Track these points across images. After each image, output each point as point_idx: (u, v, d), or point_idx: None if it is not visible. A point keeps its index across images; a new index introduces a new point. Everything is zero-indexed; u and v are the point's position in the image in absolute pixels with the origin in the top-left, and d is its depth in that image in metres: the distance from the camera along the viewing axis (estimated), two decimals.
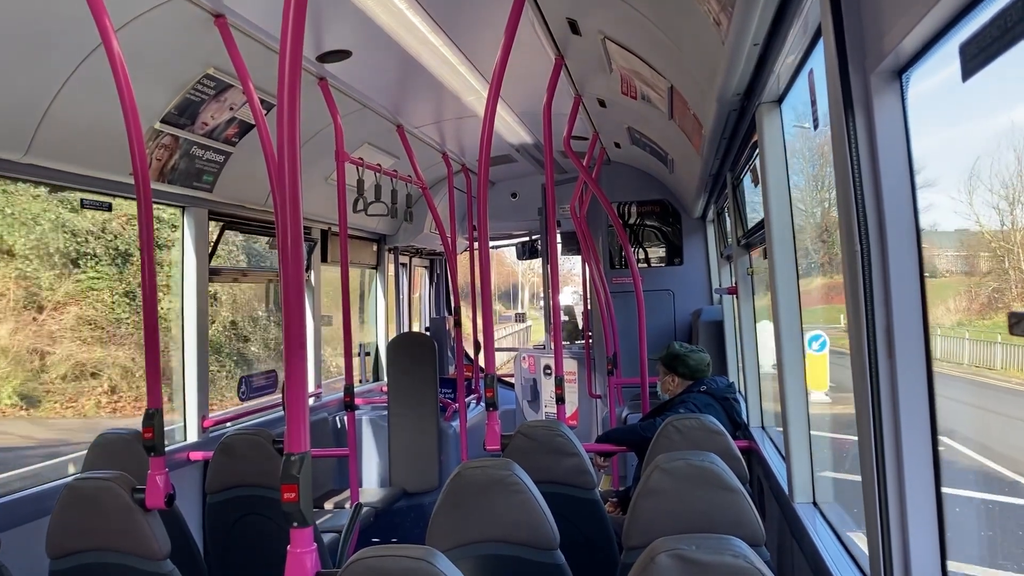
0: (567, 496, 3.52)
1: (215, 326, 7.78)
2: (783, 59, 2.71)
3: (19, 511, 3.67)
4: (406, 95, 5.45)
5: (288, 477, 2.18)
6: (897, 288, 1.80)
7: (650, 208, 8.19)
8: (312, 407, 6.38)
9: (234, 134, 4.73)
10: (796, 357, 3.42)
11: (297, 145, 2.24)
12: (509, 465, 2.79)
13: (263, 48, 4.01)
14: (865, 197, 1.81)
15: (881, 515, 1.82)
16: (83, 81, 3.53)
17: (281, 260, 2.26)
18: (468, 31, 4.19)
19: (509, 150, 7.26)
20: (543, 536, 2.74)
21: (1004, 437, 3.87)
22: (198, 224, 5.07)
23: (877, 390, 1.82)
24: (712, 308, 7.40)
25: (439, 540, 2.73)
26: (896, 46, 1.64)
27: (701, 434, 3.50)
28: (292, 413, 2.23)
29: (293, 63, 2.23)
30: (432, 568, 1.83)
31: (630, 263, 5.95)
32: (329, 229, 6.92)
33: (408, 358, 6.42)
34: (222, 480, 4.04)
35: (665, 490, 2.63)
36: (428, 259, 10.02)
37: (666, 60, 3.69)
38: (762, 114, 3.30)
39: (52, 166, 3.82)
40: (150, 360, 3.43)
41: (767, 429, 4.85)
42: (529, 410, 8.83)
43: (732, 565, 1.74)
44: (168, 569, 3.04)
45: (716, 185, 5.72)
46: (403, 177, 6.25)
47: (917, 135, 1.80)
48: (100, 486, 3.05)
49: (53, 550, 3.09)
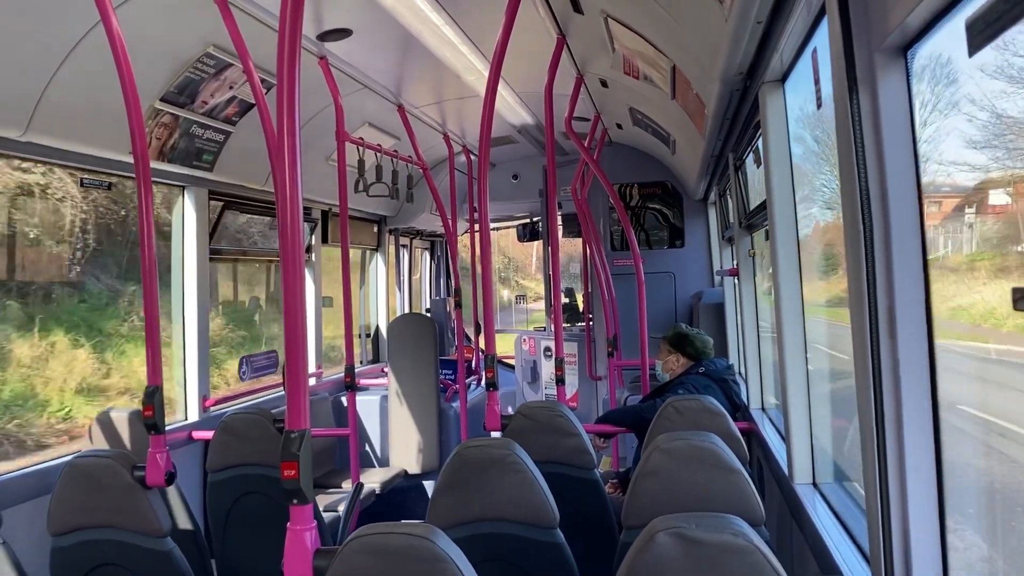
0: (567, 476, 3.53)
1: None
2: (786, 37, 2.68)
3: (20, 489, 3.69)
4: (407, 75, 5.42)
5: (288, 454, 2.18)
6: (900, 267, 1.79)
7: (651, 190, 8.16)
8: (312, 387, 6.39)
9: (234, 113, 4.71)
10: (797, 338, 3.42)
11: (297, 125, 2.23)
12: (509, 444, 2.80)
13: (263, 26, 3.98)
14: (869, 176, 1.80)
15: (881, 495, 1.82)
16: (82, 59, 3.51)
17: (281, 241, 2.25)
18: (469, 10, 4.16)
19: (510, 131, 7.23)
20: (543, 515, 2.75)
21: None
22: (198, 203, 5.05)
23: (879, 370, 1.81)
24: (713, 290, 7.39)
25: (439, 518, 2.74)
26: (901, 22, 1.62)
27: (701, 415, 3.51)
28: (292, 391, 2.23)
29: (292, 41, 2.21)
30: (432, 545, 1.83)
31: (631, 245, 5.93)
32: (330, 210, 6.90)
33: (409, 339, 6.42)
34: (223, 459, 4.06)
35: (665, 470, 2.64)
36: (429, 240, 10.00)
37: (668, 39, 3.66)
38: (765, 94, 3.27)
39: (52, 144, 3.81)
40: (150, 338, 3.43)
41: (767, 410, 4.86)
42: (529, 391, 8.85)
43: (732, 544, 1.74)
44: (168, 546, 3.06)
45: (718, 166, 5.70)
46: (404, 158, 6.23)
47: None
48: (101, 464, 3.07)
49: (54, 527, 3.11)
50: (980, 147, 1.92)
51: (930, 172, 1.90)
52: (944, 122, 1.93)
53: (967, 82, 1.80)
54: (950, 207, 2.11)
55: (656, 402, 4.19)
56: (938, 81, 1.88)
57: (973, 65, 1.61)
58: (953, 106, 1.90)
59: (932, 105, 1.91)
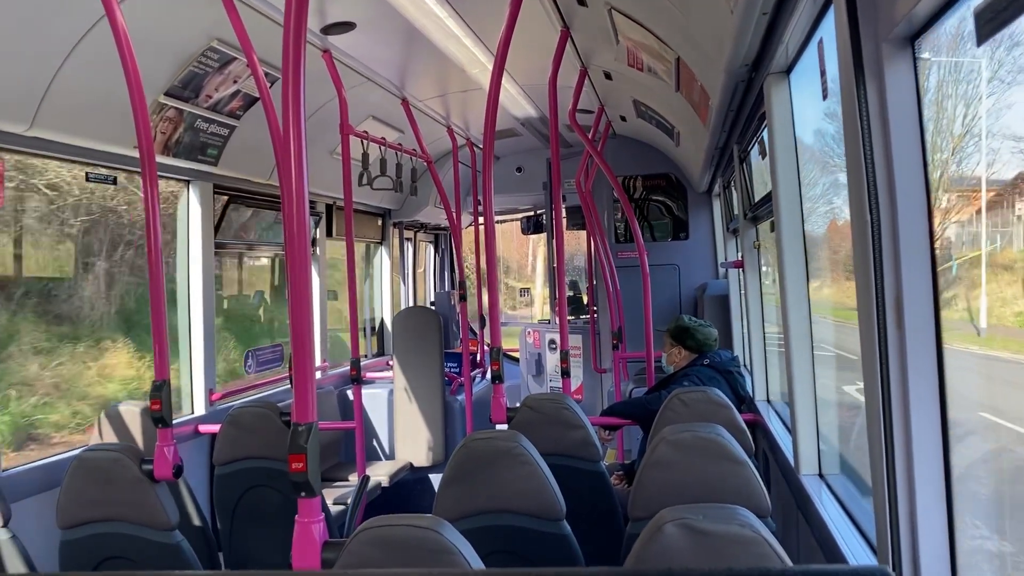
0: (572, 468, 3.53)
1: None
2: (792, 28, 2.67)
3: (30, 482, 3.71)
4: (411, 68, 5.42)
5: (296, 447, 2.19)
6: (907, 259, 1.79)
7: (656, 182, 8.15)
8: (318, 381, 6.41)
9: (239, 107, 4.71)
10: (803, 329, 3.42)
11: (301, 118, 2.23)
12: (515, 437, 2.80)
13: (267, 20, 3.98)
14: (876, 167, 1.79)
15: (889, 486, 1.82)
16: (87, 54, 3.51)
17: (286, 234, 2.26)
18: (473, 3, 4.15)
19: (514, 124, 7.22)
20: (549, 507, 2.76)
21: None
22: (203, 198, 5.06)
23: (886, 362, 1.81)
24: (718, 282, 7.38)
25: (446, 511, 2.74)
26: (909, 12, 1.62)
27: (707, 407, 3.51)
28: (299, 384, 2.24)
29: (297, 35, 2.21)
30: (439, 537, 1.84)
31: (635, 237, 5.93)
32: (334, 204, 6.91)
33: (414, 332, 6.43)
34: (230, 452, 4.07)
35: (671, 462, 2.64)
36: (433, 234, 10.01)
37: (673, 31, 3.65)
38: (770, 85, 3.26)
39: (57, 139, 3.81)
40: (157, 333, 3.44)
41: (772, 402, 4.86)
42: (534, 384, 8.85)
43: (739, 535, 1.75)
44: (176, 539, 3.07)
45: (723, 158, 5.69)
46: (408, 151, 6.23)
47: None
48: (109, 457, 3.08)
49: (63, 521, 3.12)
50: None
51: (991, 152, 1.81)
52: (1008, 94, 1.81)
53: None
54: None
55: (661, 394, 4.20)
56: (999, 44, 1.68)
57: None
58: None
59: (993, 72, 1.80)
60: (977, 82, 1.85)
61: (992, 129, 1.85)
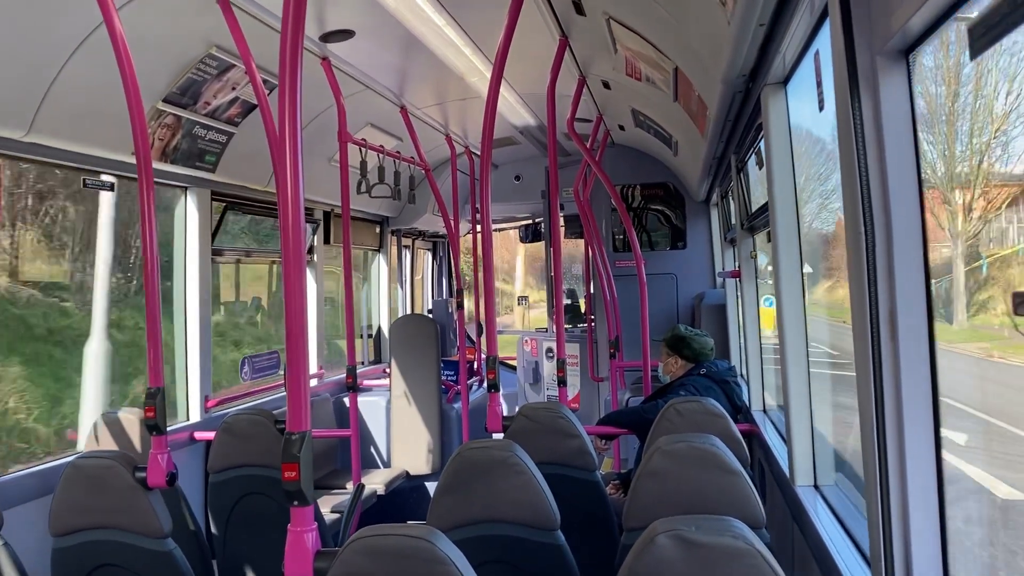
0: (568, 477, 3.52)
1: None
2: (788, 40, 2.68)
3: (22, 489, 3.69)
4: (409, 76, 5.43)
5: (289, 456, 2.18)
6: (901, 271, 1.79)
7: (654, 191, 8.16)
8: (314, 388, 6.40)
9: (237, 114, 4.71)
10: (799, 340, 3.42)
11: (299, 126, 2.23)
12: (511, 446, 2.80)
13: (266, 27, 3.99)
14: (870, 178, 1.80)
15: (882, 497, 1.82)
16: (85, 60, 3.51)
17: (283, 241, 2.26)
18: (471, 11, 4.16)
19: (512, 132, 7.23)
20: (544, 516, 2.75)
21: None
22: (200, 204, 5.06)
23: (880, 374, 1.81)
24: (715, 292, 7.38)
25: (440, 520, 2.73)
26: (903, 25, 1.62)
27: (702, 417, 3.50)
28: (293, 392, 2.23)
29: (295, 42, 2.21)
30: (432, 547, 1.83)
31: (633, 246, 5.93)
32: (332, 211, 6.91)
33: (411, 340, 6.42)
34: (224, 460, 4.06)
35: (666, 472, 2.63)
36: (431, 241, 10.00)
37: (671, 41, 3.66)
38: (767, 96, 3.27)
39: (54, 145, 3.81)
40: (152, 339, 3.44)
41: (768, 412, 4.85)
42: (531, 392, 8.85)
43: (732, 546, 1.74)
44: (170, 547, 3.06)
45: (720, 168, 5.70)
46: (406, 159, 6.23)
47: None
48: (102, 465, 3.07)
49: (56, 528, 3.11)
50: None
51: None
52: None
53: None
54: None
55: (658, 403, 4.19)
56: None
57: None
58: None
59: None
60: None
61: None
